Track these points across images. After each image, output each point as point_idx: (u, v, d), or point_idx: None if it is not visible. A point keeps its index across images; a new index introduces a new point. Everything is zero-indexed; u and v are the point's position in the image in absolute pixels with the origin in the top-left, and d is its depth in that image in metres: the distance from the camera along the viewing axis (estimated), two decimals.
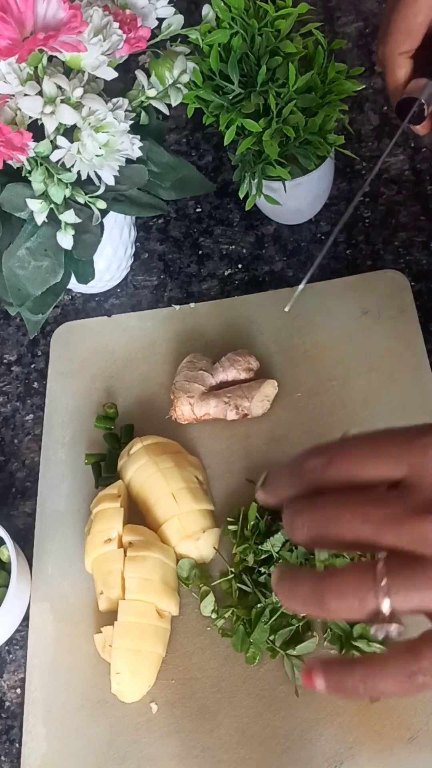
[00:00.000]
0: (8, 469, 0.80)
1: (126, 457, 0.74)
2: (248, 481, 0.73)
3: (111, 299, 0.87)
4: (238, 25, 0.72)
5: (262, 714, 0.64)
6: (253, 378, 0.76)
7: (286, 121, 0.71)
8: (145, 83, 0.72)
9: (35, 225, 0.69)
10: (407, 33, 0.58)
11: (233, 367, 0.76)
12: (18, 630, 0.72)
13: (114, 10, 0.68)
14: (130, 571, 0.67)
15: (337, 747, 0.62)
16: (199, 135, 0.93)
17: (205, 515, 0.71)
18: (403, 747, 0.61)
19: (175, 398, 0.75)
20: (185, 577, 0.69)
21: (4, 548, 0.69)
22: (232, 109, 0.73)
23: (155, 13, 0.72)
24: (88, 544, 0.70)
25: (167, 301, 0.85)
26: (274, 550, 0.66)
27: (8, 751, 0.68)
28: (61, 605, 0.72)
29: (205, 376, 0.76)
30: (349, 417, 0.74)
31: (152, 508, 0.71)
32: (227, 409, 0.74)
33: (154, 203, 0.76)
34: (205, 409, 0.74)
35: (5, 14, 0.62)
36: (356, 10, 0.97)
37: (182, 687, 0.66)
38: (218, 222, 0.88)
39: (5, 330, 0.88)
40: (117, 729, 0.66)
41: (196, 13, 0.75)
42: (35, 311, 0.74)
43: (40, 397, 0.83)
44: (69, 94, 0.64)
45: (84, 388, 0.82)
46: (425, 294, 0.79)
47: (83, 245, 0.71)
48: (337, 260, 0.82)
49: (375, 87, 0.92)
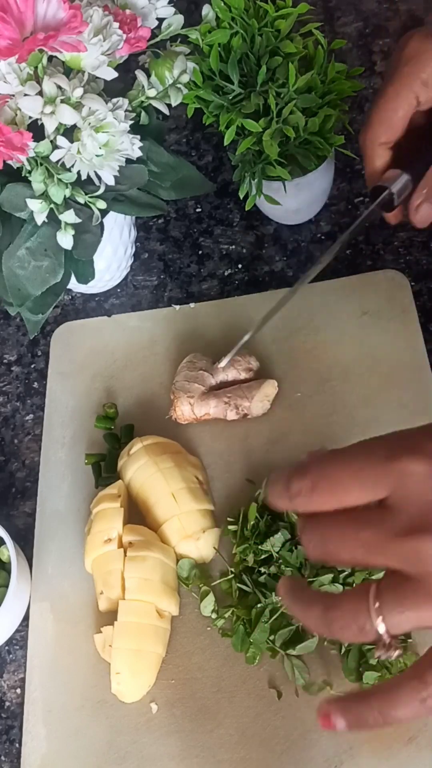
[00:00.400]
0: (8, 469, 0.80)
1: (126, 457, 0.74)
2: (248, 481, 0.73)
3: (111, 299, 0.87)
4: (238, 25, 0.72)
5: (262, 714, 0.64)
6: (253, 378, 0.76)
7: (286, 121, 0.71)
8: (145, 83, 0.72)
9: (35, 225, 0.69)
10: (387, 126, 0.60)
11: (233, 367, 0.76)
12: (18, 630, 0.72)
13: (114, 10, 0.68)
14: (130, 571, 0.67)
15: (337, 747, 0.62)
16: (199, 135, 0.93)
17: (205, 515, 0.71)
18: (403, 747, 0.61)
19: (175, 398, 0.75)
20: (185, 577, 0.69)
21: (4, 548, 0.69)
22: (232, 109, 0.73)
23: (155, 13, 0.72)
24: (88, 544, 0.70)
25: (167, 301, 0.85)
26: (274, 550, 0.66)
27: (8, 751, 0.68)
28: (61, 605, 0.72)
29: (205, 376, 0.76)
30: (349, 417, 0.74)
31: (152, 508, 0.71)
32: (227, 409, 0.74)
33: (154, 203, 0.76)
34: (205, 409, 0.74)
35: (5, 14, 0.62)
36: (356, 10, 0.97)
37: (182, 687, 0.66)
38: (218, 222, 0.88)
39: (5, 330, 0.88)
40: (117, 729, 0.66)
41: (196, 13, 0.75)
42: (35, 311, 0.74)
43: (40, 397, 0.83)
44: (69, 94, 0.64)
45: (84, 388, 0.82)
46: (425, 294, 0.79)
47: (83, 245, 0.71)
48: (337, 260, 0.82)
49: (375, 87, 0.92)
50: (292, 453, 0.74)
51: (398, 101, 0.58)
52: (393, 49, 0.87)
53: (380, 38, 0.95)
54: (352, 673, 0.63)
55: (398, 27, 0.95)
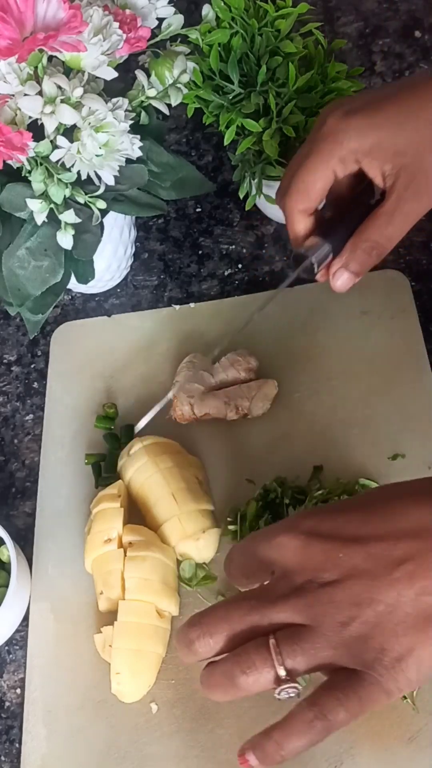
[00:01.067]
0: (8, 469, 0.80)
1: (126, 457, 0.74)
2: (248, 481, 0.73)
3: (111, 299, 0.87)
4: (238, 25, 0.72)
5: (262, 714, 0.64)
6: (253, 378, 0.76)
7: (286, 121, 0.71)
8: (145, 83, 0.72)
9: (35, 225, 0.69)
10: (305, 196, 0.62)
11: (233, 367, 0.76)
12: (18, 630, 0.72)
13: (114, 10, 0.68)
14: (130, 571, 0.67)
15: (337, 747, 0.62)
16: (199, 135, 0.93)
17: (205, 515, 0.71)
18: (403, 747, 0.61)
19: (175, 398, 0.75)
20: (188, 578, 0.69)
21: (4, 548, 0.69)
22: (232, 109, 0.73)
23: (155, 13, 0.72)
24: (88, 544, 0.70)
25: (167, 301, 0.85)
26: None
27: (8, 751, 0.68)
28: (61, 605, 0.72)
29: (205, 376, 0.75)
30: (349, 417, 0.74)
31: (152, 508, 0.71)
32: (227, 409, 0.74)
33: (154, 203, 0.76)
34: (205, 409, 0.74)
35: (5, 14, 0.62)
36: (356, 10, 0.97)
37: (182, 687, 0.66)
38: (218, 222, 0.88)
39: (5, 330, 0.88)
40: (117, 729, 0.66)
41: (196, 13, 0.75)
42: (35, 311, 0.74)
43: (40, 397, 0.83)
44: (69, 94, 0.64)
45: (84, 388, 0.82)
46: (425, 294, 0.79)
47: (83, 245, 0.71)
48: None
49: (375, 87, 0.92)
50: (292, 453, 0.74)
51: (317, 175, 0.61)
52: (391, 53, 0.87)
53: (380, 38, 0.95)
54: None
55: (398, 27, 0.95)
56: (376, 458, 0.72)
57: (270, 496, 0.70)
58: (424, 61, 0.92)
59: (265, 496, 0.70)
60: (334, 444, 0.74)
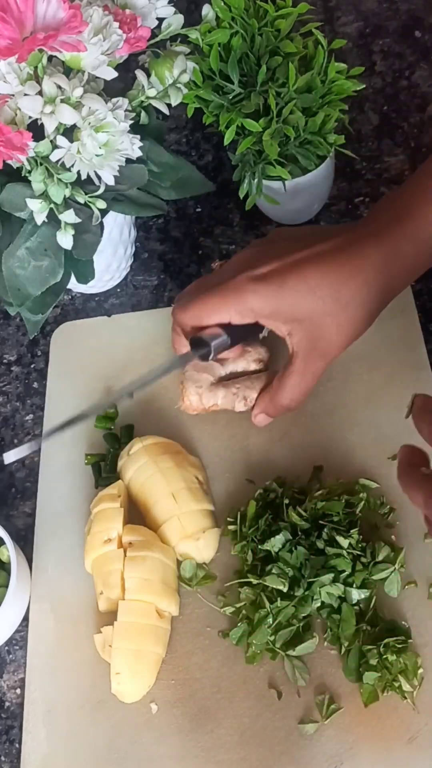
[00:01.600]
0: (8, 469, 0.80)
1: (126, 457, 0.74)
2: (248, 481, 0.73)
3: (111, 299, 0.87)
4: (238, 24, 0.72)
5: (262, 714, 0.64)
6: (264, 369, 0.76)
7: (286, 121, 0.71)
8: (145, 83, 0.72)
9: (35, 225, 0.69)
10: (198, 321, 0.67)
11: (243, 358, 0.75)
12: (18, 630, 0.72)
13: (114, 10, 0.68)
14: (130, 571, 0.67)
15: (337, 747, 0.62)
16: (199, 135, 0.93)
17: (205, 515, 0.71)
18: (403, 747, 0.61)
19: (184, 388, 0.74)
20: (188, 578, 0.69)
21: (4, 548, 0.69)
22: (232, 109, 0.73)
23: (155, 12, 0.72)
24: (88, 544, 0.70)
25: (167, 301, 0.85)
26: (274, 550, 0.66)
27: (8, 751, 0.68)
28: (61, 605, 0.72)
29: (215, 367, 0.75)
30: (349, 417, 0.74)
31: (152, 508, 0.71)
32: (235, 400, 0.73)
33: (154, 203, 0.76)
34: (213, 400, 0.73)
35: (5, 14, 0.62)
36: (356, 10, 0.97)
37: (182, 687, 0.66)
38: (218, 222, 0.88)
39: (5, 330, 0.88)
40: (117, 729, 0.66)
41: (196, 13, 0.75)
42: (35, 311, 0.74)
43: (40, 397, 0.83)
44: (69, 94, 0.64)
45: (84, 388, 0.82)
46: (425, 294, 0.79)
47: (83, 245, 0.71)
48: None
49: (375, 87, 0.92)
50: (292, 453, 0.74)
51: (213, 316, 0.66)
52: (391, 48, 0.87)
53: (380, 38, 0.95)
54: (352, 674, 0.63)
55: (398, 27, 0.95)
56: (376, 458, 0.72)
57: (270, 496, 0.70)
58: (424, 61, 0.92)
59: (265, 496, 0.70)
60: (334, 444, 0.74)
